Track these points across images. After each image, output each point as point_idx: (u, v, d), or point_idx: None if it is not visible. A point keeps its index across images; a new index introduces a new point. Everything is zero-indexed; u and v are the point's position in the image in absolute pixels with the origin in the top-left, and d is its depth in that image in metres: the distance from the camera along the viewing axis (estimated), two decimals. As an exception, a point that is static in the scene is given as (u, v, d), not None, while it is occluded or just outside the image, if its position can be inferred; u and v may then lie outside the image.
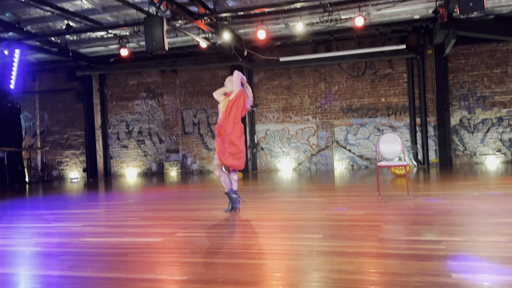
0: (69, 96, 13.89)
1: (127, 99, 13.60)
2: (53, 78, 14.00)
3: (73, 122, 13.97)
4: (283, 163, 12.54)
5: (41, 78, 14.08)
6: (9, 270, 3.22)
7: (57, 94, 13.98)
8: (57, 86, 13.99)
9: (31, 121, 14.22)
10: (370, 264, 2.89)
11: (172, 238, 3.99)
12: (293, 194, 7.09)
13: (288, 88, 12.50)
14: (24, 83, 13.79)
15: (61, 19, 9.14)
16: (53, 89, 14.00)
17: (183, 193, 8.11)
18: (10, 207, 7.08)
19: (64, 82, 13.87)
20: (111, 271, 3.00)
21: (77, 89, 13.68)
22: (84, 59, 12.40)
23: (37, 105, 14.17)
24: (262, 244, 3.58)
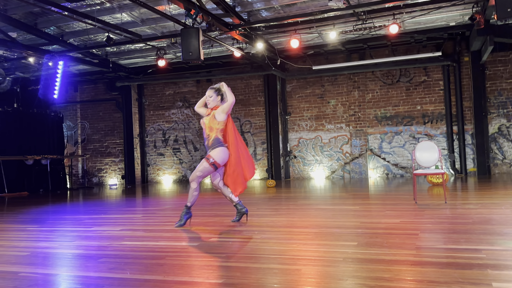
0: (109, 106, 14.31)
1: (164, 108, 13.88)
2: (94, 89, 14.48)
3: (112, 131, 14.37)
4: (316, 171, 12.44)
5: (82, 89, 14.59)
6: (51, 271, 3.33)
7: (98, 104, 14.44)
8: (98, 96, 14.45)
9: (72, 129, 14.73)
10: (407, 272, 2.82)
11: (207, 242, 4.02)
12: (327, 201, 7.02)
13: (321, 96, 12.44)
14: (67, 94, 14.31)
15: (102, 32, 9.46)
16: (93, 99, 14.47)
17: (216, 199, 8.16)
18: (53, 211, 7.33)
19: (105, 92, 14.32)
20: (148, 273, 3.05)
21: (117, 99, 14.09)
22: (124, 70, 12.76)
23: (78, 115, 14.68)
24: (296, 250, 3.56)
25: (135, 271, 3.14)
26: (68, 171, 13.90)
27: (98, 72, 13.10)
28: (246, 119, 13.07)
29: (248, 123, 13.04)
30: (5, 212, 7.53)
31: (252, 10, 8.84)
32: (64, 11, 7.88)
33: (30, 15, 8.67)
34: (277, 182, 11.45)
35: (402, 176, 11.67)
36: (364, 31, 10.01)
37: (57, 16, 8.66)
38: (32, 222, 6.00)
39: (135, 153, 13.90)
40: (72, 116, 14.71)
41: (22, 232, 5.14)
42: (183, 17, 8.35)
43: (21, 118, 12.12)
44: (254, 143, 12.99)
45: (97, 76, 13.58)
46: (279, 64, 11.25)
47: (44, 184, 12.30)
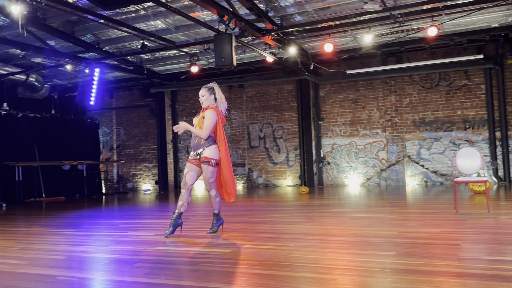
0: (143, 112, 14.62)
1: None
2: (129, 95, 14.84)
3: (146, 136, 14.67)
4: (350, 178, 12.27)
5: (118, 95, 14.98)
6: (87, 275, 3.41)
7: (132, 110, 14.78)
8: (132, 102, 14.80)
9: (108, 135, 15.13)
10: (449, 284, 2.73)
11: (240, 249, 4.03)
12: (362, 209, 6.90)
13: (355, 101, 12.28)
14: (103, 100, 14.74)
15: (137, 39, 9.69)
16: (128, 106, 14.83)
17: (249, 206, 8.18)
18: (88, 216, 7.54)
19: (139, 99, 14.65)
20: (183, 279, 3.08)
21: (151, 106, 14.39)
22: (158, 76, 13.02)
23: (114, 121, 15.07)
24: (332, 259, 3.51)
25: (170, 277, 3.17)
26: (104, 176, 14.27)
27: (133, 79, 13.42)
28: (279, 124, 13.05)
29: (280, 129, 13.02)
30: (43, 217, 7.79)
31: (285, 14, 8.85)
32: (100, 19, 8.13)
33: (68, 23, 8.99)
34: (310, 189, 11.36)
35: (442, 184, 11.34)
36: (401, 34, 9.83)
37: (93, 24, 8.94)
38: (68, 226, 6.18)
39: (168, 158, 14.12)
40: (108, 122, 15.12)
41: (59, 236, 5.30)
42: (216, 23, 8.44)
43: (59, 124, 12.55)
44: (286, 149, 12.95)
45: (132, 82, 13.91)
46: (312, 69, 11.19)
47: (80, 189, 12.67)
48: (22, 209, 9.29)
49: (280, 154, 13.04)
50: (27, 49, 9.22)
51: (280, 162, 13.03)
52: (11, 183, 10.68)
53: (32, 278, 3.25)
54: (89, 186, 12.97)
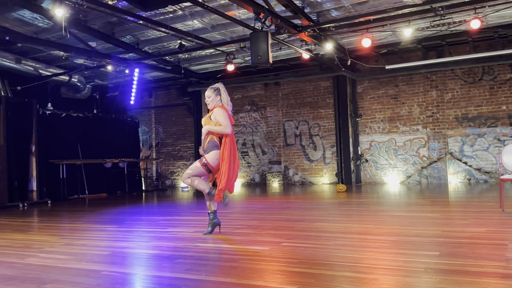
0: (181, 110, 14.86)
1: (232, 112, 14.13)
2: (167, 94, 15.12)
3: (184, 135, 14.91)
4: (389, 176, 12.02)
5: (156, 95, 15.30)
6: (130, 270, 3.50)
7: (170, 109, 15.06)
8: (171, 101, 15.07)
9: (147, 134, 15.48)
10: (497, 286, 2.62)
11: (279, 247, 4.02)
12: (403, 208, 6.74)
13: (394, 97, 12.01)
14: (142, 99, 15.10)
15: (174, 39, 9.85)
16: (166, 105, 15.12)
17: (286, 203, 8.16)
18: (130, 212, 7.74)
19: (177, 97, 14.90)
20: (223, 276, 3.11)
21: (188, 104, 14.60)
22: (194, 75, 13.19)
23: (153, 120, 15.41)
24: (373, 259, 3.44)
25: (210, 273, 3.21)
26: (143, 173, 14.61)
27: (171, 78, 13.65)
28: (315, 122, 12.95)
29: (316, 126, 12.91)
30: (86, 213, 8.07)
31: (322, 10, 8.75)
32: (139, 20, 8.31)
33: (108, 25, 9.25)
34: (348, 187, 11.21)
35: (486, 182, 10.93)
36: (442, 27, 9.52)
37: (133, 25, 9.15)
38: (111, 222, 6.37)
39: (205, 156, 14.29)
40: (147, 121, 15.46)
41: (103, 232, 5.47)
42: (252, 21, 8.45)
43: (100, 123, 12.94)
44: (323, 146, 12.84)
45: (170, 82, 14.16)
46: (350, 65, 11.02)
47: (121, 186, 13.02)
48: (66, 205, 9.65)
49: (316, 152, 12.94)
50: (69, 50, 9.55)
51: (317, 160, 12.93)
52: (56, 180, 11.11)
53: (78, 273, 3.36)
54: (130, 183, 13.31)
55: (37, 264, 3.70)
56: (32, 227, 6.35)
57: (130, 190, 13.19)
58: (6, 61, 10.11)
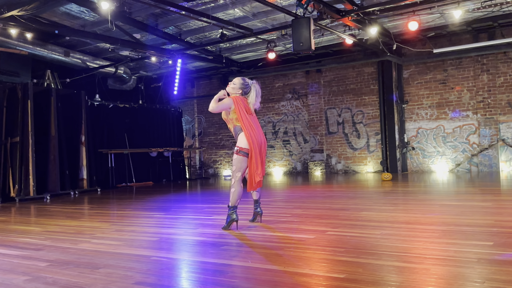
0: (222, 100, 14.97)
1: (274, 100, 14.12)
2: (209, 84, 15.28)
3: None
4: (437, 164, 11.64)
5: (198, 84, 15.49)
6: (178, 256, 3.58)
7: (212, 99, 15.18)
8: (212, 91, 15.20)
9: (190, 123, 15.73)
10: (559, 279, 2.49)
11: (324, 235, 4.00)
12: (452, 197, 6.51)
13: (443, 82, 11.57)
14: (185, 90, 15.33)
15: (216, 29, 9.90)
16: (209, 94, 15.27)
17: (328, 192, 8.09)
18: (175, 200, 7.92)
19: (218, 87, 15.00)
20: (269, 263, 3.13)
21: (229, 93, 14.67)
22: (236, 65, 13.23)
23: (195, 109, 15.63)
24: (422, 249, 3.35)
25: (256, 260, 3.24)
26: (187, 162, 14.89)
27: (213, 68, 13.77)
28: (358, 109, 12.70)
29: (360, 113, 12.66)
30: (134, 200, 8.33)
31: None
32: (181, 11, 8.40)
33: (152, 16, 9.41)
34: (393, 175, 10.95)
35: (542, 170, 10.38)
36: (494, 8, 9.05)
37: (175, 16, 9.27)
38: (158, 209, 6.55)
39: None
40: (190, 110, 15.71)
41: (150, 219, 5.63)
42: (293, 8, 8.35)
43: (146, 113, 13.27)
44: (367, 134, 12.59)
45: (211, 72, 14.28)
46: (395, 49, 10.70)
47: (166, 175, 13.35)
48: (115, 193, 10.00)
49: (360, 140, 12.71)
50: (115, 43, 9.81)
51: (360, 148, 12.71)
52: (105, 169, 11.54)
53: (129, 258, 3.48)
54: (174, 171, 13.63)
55: (90, 249, 3.86)
56: (83, 214, 6.63)
57: (175, 178, 13.50)
58: (55, 54, 10.51)
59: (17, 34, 8.76)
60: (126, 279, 2.87)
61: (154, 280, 2.84)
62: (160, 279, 2.87)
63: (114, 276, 2.97)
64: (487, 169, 11.03)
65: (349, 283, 2.58)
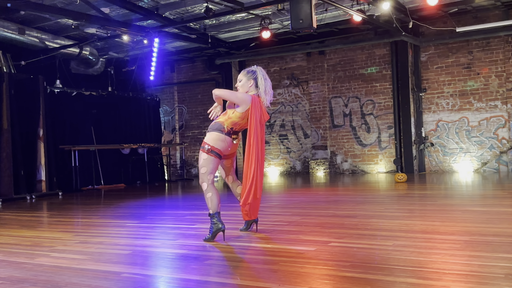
0: (207, 87, 14.98)
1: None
2: (191, 68, 15.26)
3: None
4: (460, 162, 11.75)
5: (179, 69, 15.46)
6: (154, 272, 3.59)
7: (196, 85, 15.20)
8: (196, 76, 15.21)
9: (170, 115, 15.71)
10: None
11: (326, 247, 4.02)
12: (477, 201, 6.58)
13: (467, 66, 11.65)
14: (163, 75, 15.30)
15: (200, 2, 9.87)
16: (191, 80, 15.27)
17: (333, 196, 8.13)
18: (151, 206, 7.91)
19: (203, 71, 15.01)
20: (262, 280, 3.14)
21: (216, 79, 14.69)
22: (223, 45, 13.21)
23: (175, 98, 15.61)
24: (441, 263, 3.39)
25: (246, 277, 3.25)
26: (166, 161, 14.89)
27: (196, 49, 13.74)
28: (368, 98, 12.76)
29: (370, 103, 12.72)
30: (102, 206, 8.31)
31: (377, -38, 8.55)
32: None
33: (124, -12, 9.37)
34: (409, 176, 11.03)
35: None
36: (528, -22, 9.12)
37: (151, -13, 9.24)
38: (131, 217, 6.54)
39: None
40: (169, 99, 15.69)
41: (122, 228, 5.62)
42: (292, -22, 8.36)
43: (116, 103, 13.21)
44: (378, 127, 12.65)
45: (194, 53, 14.26)
46: (411, 28, 10.76)
47: (141, 176, 13.34)
48: (79, 197, 9.98)
49: (370, 134, 12.78)
50: (79, 18, 9.73)
51: (370, 144, 12.78)
52: (67, 169, 11.50)
53: (95, 275, 3.48)
54: (151, 172, 13.62)
55: (49, 265, 3.85)
56: (42, 223, 6.60)
57: (151, 180, 13.50)
58: (8, 32, 10.42)
59: (-39, 8, 8.68)
60: (92, 300, 2.87)
61: (125, 301, 2.85)
62: (132, 300, 2.88)
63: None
64: (518, 169, 11.17)
65: (355, 304, 2.60)
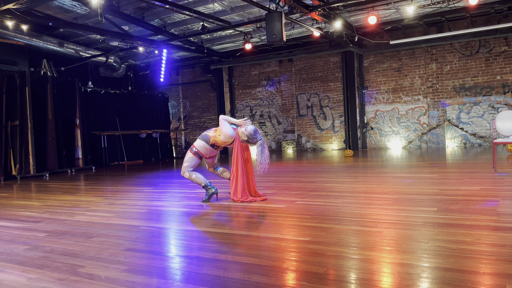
0: (204, 86, 14.82)
1: (251, 87, 14.04)
2: (192, 72, 15.05)
3: (208, 108, 14.91)
4: (392, 141, 11.87)
5: (183, 72, 15.23)
6: (164, 225, 3.57)
7: (195, 85, 15.02)
8: (195, 78, 15.01)
9: (176, 108, 15.52)
10: (489, 237, 2.60)
11: (293, 205, 4.05)
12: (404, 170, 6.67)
13: (398, 70, 11.70)
14: (170, 77, 15.06)
15: (197, 21, 9.70)
16: (192, 81, 15.07)
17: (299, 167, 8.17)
18: (163, 176, 7.86)
19: (201, 75, 14.82)
20: (245, 229, 3.16)
21: (211, 81, 14.52)
22: (216, 54, 13.04)
23: (180, 95, 15.41)
24: (377, 214, 3.44)
25: (234, 227, 3.27)
26: (174, 142, 14.75)
27: (195, 58, 13.54)
28: (325, 94, 12.76)
29: (326, 98, 12.74)
30: (125, 177, 8.23)
31: (331, -9, 8.46)
32: (165, 5, 8.18)
33: (139, 10, 9.15)
34: (355, 152, 11.13)
35: (480, 146, 10.71)
36: (443, 4, 9.14)
37: (160, 9, 9.03)
38: (147, 185, 6.50)
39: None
40: (175, 96, 15.48)
41: (140, 193, 5.59)
42: (267, 3, 8.25)
43: (135, 99, 13.00)
44: (332, 116, 12.69)
45: (194, 61, 14.05)
46: (357, 41, 10.73)
47: (155, 154, 13.21)
48: (108, 171, 9.86)
49: (326, 121, 12.82)
50: (105, 34, 9.51)
51: (327, 128, 12.83)
52: (98, 149, 11.33)
53: (120, 228, 3.45)
54: (162, 151, 13.49)
55: (85, 221, 3.82)
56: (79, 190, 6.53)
57: (163, 157, 13.37)
58: (50, 45, 10.15)
59: (13, 26, 8.41)
60: (117, 246, 2.86)
61: (142, 247, 2.84)
62: (148, 246, 2.87)
63: (106, 244, 2.95)
64: (435, 146, 11.31)
65: (314, 245, 2.63)
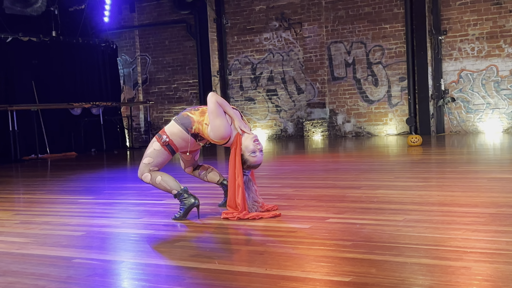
0: (177, 31, 14.81)
1: (253, 31, 14.01)
2: (156, 7, 15.03)
3: (183, 66, 14.92)
4: (487, 121, 11.87)
5: (141, 8, 15.21)
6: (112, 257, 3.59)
7: (162, 29, 15.00)
8: (162, 18, 14.99)
9: (130, 66, 15.54)
10: None
11: (323, 224, 4.06)
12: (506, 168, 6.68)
13: (497, 3, 11.63)
14: (121, 15, 15.06)
15: None
16: (157, 22, 15.05)
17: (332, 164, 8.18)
18: (110, 178, 7.91)
19: (171, 12, 14.79)
20: (244, 264, 3.18)
21: (187, 21, 14.51)
22: (196, -23, 13.01)
23: (137, 45, 15.41)
24: (461, 240, 3.46)
25: (226, 260, 3.28)
26: (127, 123, 14.81)
27: (161, -18, 13.52)
28: (375, 43, 12.72)
29: (378, 50, 12.70)
30: (49, 179, 8.28)
31: None
32: None
33: None
34: (425, 138, 11.11)
35: None
36: None
37: None
38: (85, 192, 6.52)
39: (215, 97, 14.34)
40: (129, 47, 15.49)
41: (74, 206, 5.61)
42: None
43: (63, 51, 13.01)
44: (387, 79, 12.67)
45: (159, -12, 14.04)
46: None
47: (96, 142, 13.27)
48: (20, 169, 9.92)
49: (378, 88, 12.82)
50: None
51: (378, 100, 12.83)
52: (4, 134, 11.36)
53: (40, 261, 3.47)
54: (108, 137, 13.54)
55: (-16, 250, 3.85)
56: (-26, 200, 6.56)
57: (109, 147, 13.44)
58: None
59: None
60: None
61: (77, 292, 2.86)
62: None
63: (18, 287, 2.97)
64: (557, 129, 11.33)
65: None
